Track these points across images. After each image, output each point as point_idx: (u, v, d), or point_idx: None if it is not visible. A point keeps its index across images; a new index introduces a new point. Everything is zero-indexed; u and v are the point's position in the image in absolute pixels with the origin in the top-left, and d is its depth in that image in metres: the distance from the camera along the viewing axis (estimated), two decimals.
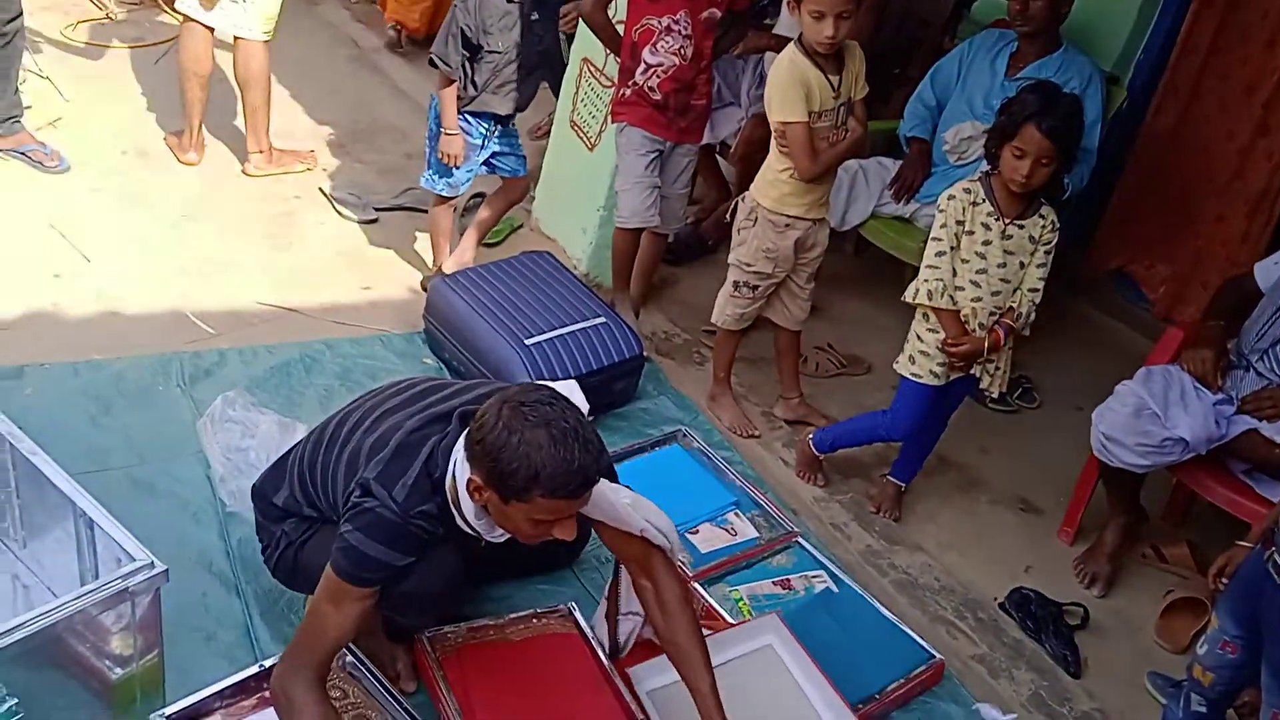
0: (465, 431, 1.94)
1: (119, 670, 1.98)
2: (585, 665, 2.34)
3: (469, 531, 2.02)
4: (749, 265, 3.12)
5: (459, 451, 1.95)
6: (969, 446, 3.46)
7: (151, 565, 1.92)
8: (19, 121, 3.75)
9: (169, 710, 1.99)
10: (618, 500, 2.14)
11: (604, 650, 2.36)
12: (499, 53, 3.30)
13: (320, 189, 4.01)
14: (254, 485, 2.31)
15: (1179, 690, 2.40)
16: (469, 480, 1.90)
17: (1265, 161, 3.73)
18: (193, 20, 3.76)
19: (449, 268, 3.57)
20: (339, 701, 2.10)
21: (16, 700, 1.78)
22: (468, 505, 1.96)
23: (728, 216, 3.24)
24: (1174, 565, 3.09)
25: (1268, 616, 2.11)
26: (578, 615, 2.45)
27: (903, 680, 2.47)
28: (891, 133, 3.96)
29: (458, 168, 3.42)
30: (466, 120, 3.39)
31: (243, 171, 3.98)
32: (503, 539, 2.05)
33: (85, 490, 2.07)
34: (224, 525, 2.54)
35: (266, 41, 3.81)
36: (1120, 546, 3.03)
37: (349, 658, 2.17)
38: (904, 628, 2.62)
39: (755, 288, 3.16)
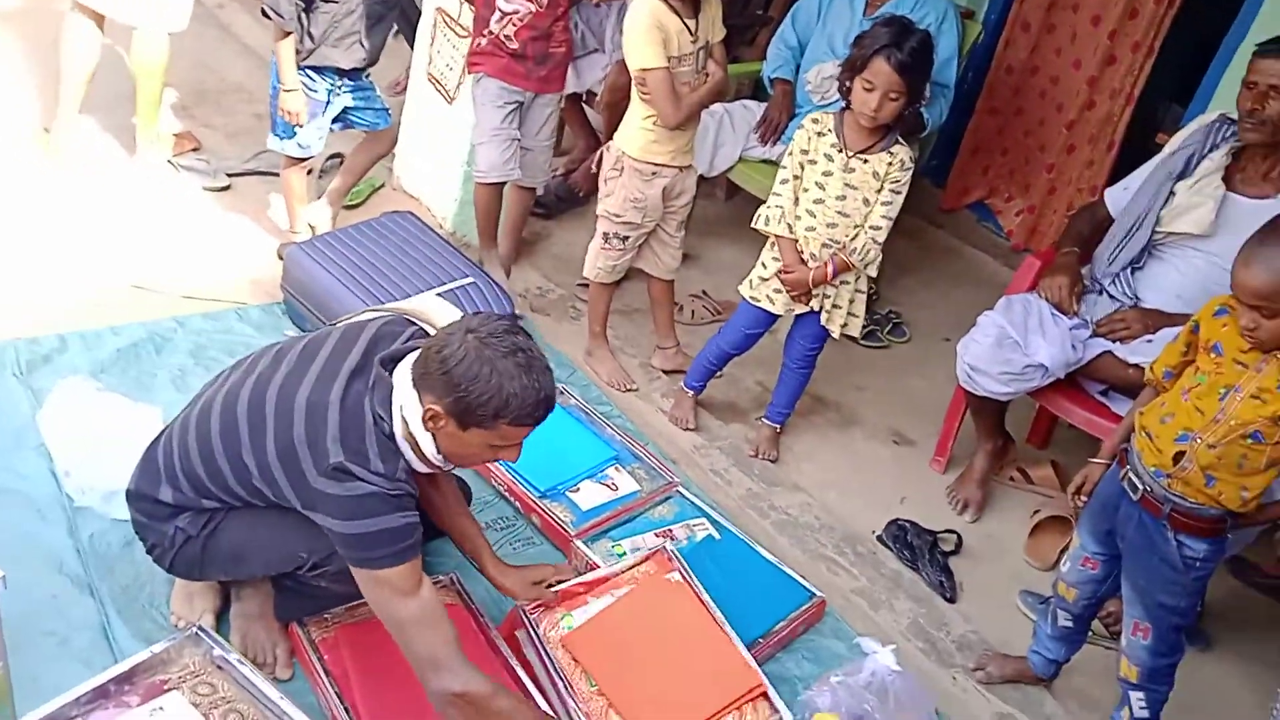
0: (410, 369, 1.91)
1: None
2: (470, 638, 2.30)
3: (425, 470, 2.00)
4: (618, 216, 3.08)
5: (400, 396, 1.92)
6: (843, 384, 3.52)
7: None
8: None
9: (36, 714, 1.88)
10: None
11: (489, 619, 2.33)
12: (336, 2, 3.14)
13: (167, 158, 3.79)
14: (128, 489, 2.16)
15: (1047, 606, 2.49)
16: (427, 410, 1.88)
17: (1114, 92, 3.85)
18: (83, 10, 3.45)
19: (303, 230, 3.42)
20: (208, 696, 2.01)
21: None
22: (428, 443, 1.93)
23: (594, 167, 3.18)
24: (1040, 486, 3.20)
25: (1124, 531, 2.19)
26: (461, 586, 2.40)
27: (785, 621, 2.51)
28: (756, 75, 3.95)
29: (301, 126, 3.26)
30: (308, 75, 3.22)
31: (133, 165, 3.71)
32: (447, 465, 2.03)
33: None
34: (73, 522, 2.39)
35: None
36: (989, 472, 3.13)
37: (216, 650, 2.08)
38: (785, 569, 2.65)
39: (625, 238, 3.12)
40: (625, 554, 2.58)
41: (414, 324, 2.08)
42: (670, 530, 2.68)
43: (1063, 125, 3.98)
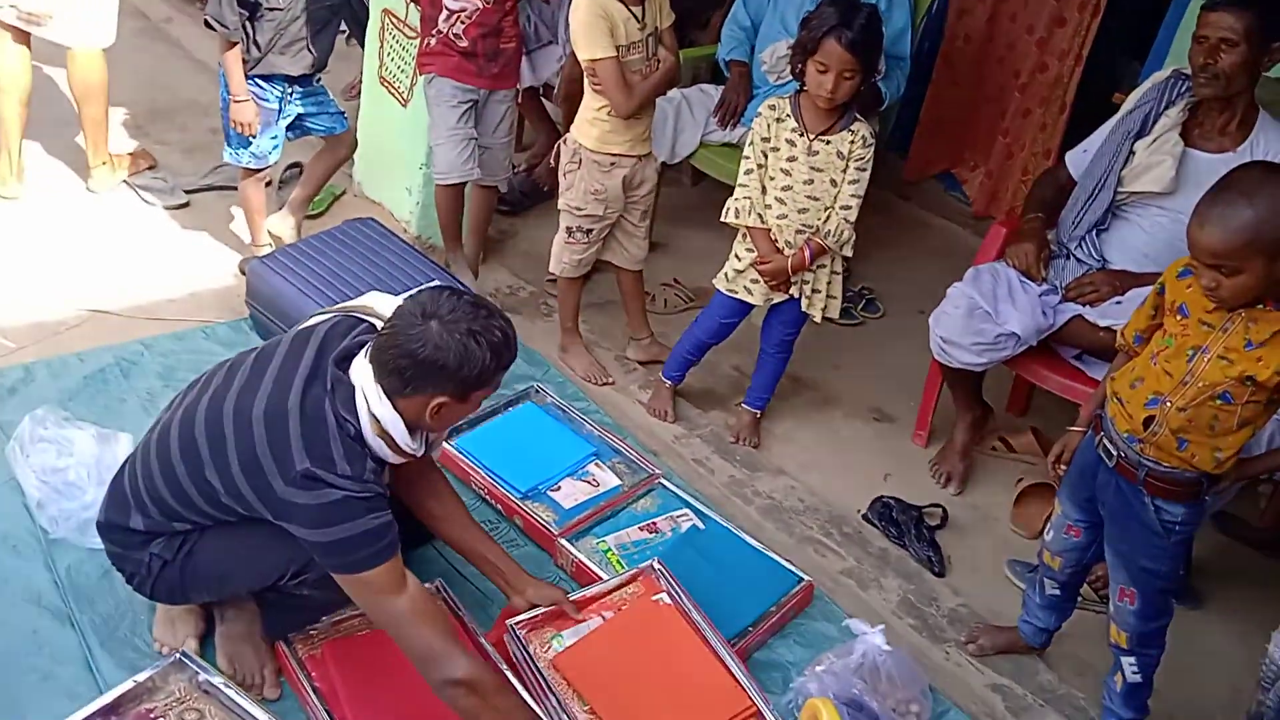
0: (371, 366, 1.93)
1: None
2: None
3: (396, 460, 2.01)
4: (579, 209, 3.05)
5: (363, 394, 1.93)
6: (821, 364, 3.51)
7: None
8: None
9: None
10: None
11: (476, 626, 2.31)
12: (279, 9, 3.09)
13: (122, 178, 3.74)
14: (99, 521, 2.13)
15: (1035, 575, 2.49)
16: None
17: (1062, 53, 3.84)
18: (8, 30, 3.37)
19: (266, 243, 3.38)
20: None
21: None
22: (399, 433, 1.95)
23: (552, 160, 3.15)
24: (1022, 453, 3.20)
25: (1103, 497, 2.19)
26: (448, 593, 2.37)
27: (775, 607, 2.50)
28: (712, 58, 3.93)
29: (255, 136, 3.22)
30: (257, 85, 3.18)
31: (88, 189, 3.65)
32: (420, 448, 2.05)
33: None
34: (49, 554, 2.35)
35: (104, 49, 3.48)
36: (970, 443, 3.13)
37: (201, 675, 2.05)
38: (771, 554, 2.64)
39: (589, 231, 3.09)
40: (609, 549, 2.57)
41: (362, 320, 2.08)
42: (654, 523, 2.67)
43: (1016, 90, 3.98)
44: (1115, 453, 2.11)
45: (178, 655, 2.08)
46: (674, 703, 2.17)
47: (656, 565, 2.43)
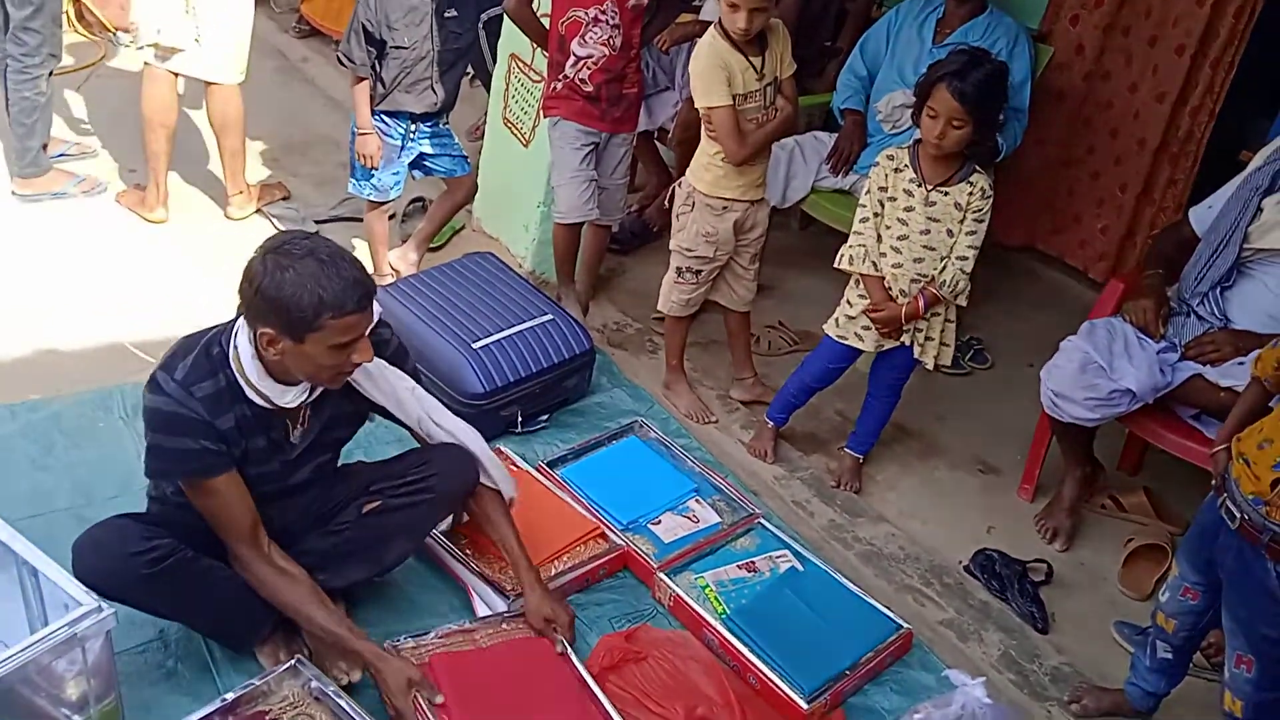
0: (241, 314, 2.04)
1: (76, 717, 1.94)
2: (558, 667, 2.33)
3: (262, 403, 2.07)
4: (690, 250, 3.11)
5: (238, 325, 2.05)
6: (925, 413, 3.48)
7: (99, 609, 1.88)
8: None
9: None
10: (399, 385, 2.29)
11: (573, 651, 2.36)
12: (405, 48, 3.25)
13: (258, 208, 3.95)
14: None
15: (1145, 638, 2.42)
16: (261, 334, 1.98)
17: (1155, 103, 3.77)
18: (155, 67, 3.63)
19: (388, 274, 3.53)
20: None
21: None
22: (251, 367, 2.04)
23: (666, 203, 3.22)
24: (1132, 513, 3.12)
25: (1223, 560, 2.13)
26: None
27: (873, 653, 2.48)
28: (826, 106, 3.97)
29: (375, 169, 3.37)
30: (382, 120, 3.35)
31: (226, 215, 3.88)
32: (294, 402, 2.11)
33: (27, 536, 2.02)
34: None
35: (240, 83, 3.71)
36: (1078, 499, 3.06)
37: (314, 682, 2.14)
38: (871, 600, 2.63)
39: (698, 272, 3.15)
40: (708, 585, 2.59)
41: None
42: (753, 562, 2.68)
43: (1134, 145, 3.90)
44: (1239, 515, 2.05)
45: (293, 662, 2.17)
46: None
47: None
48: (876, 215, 2.82)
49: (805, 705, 2.30)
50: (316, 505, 2.35)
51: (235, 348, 2.06)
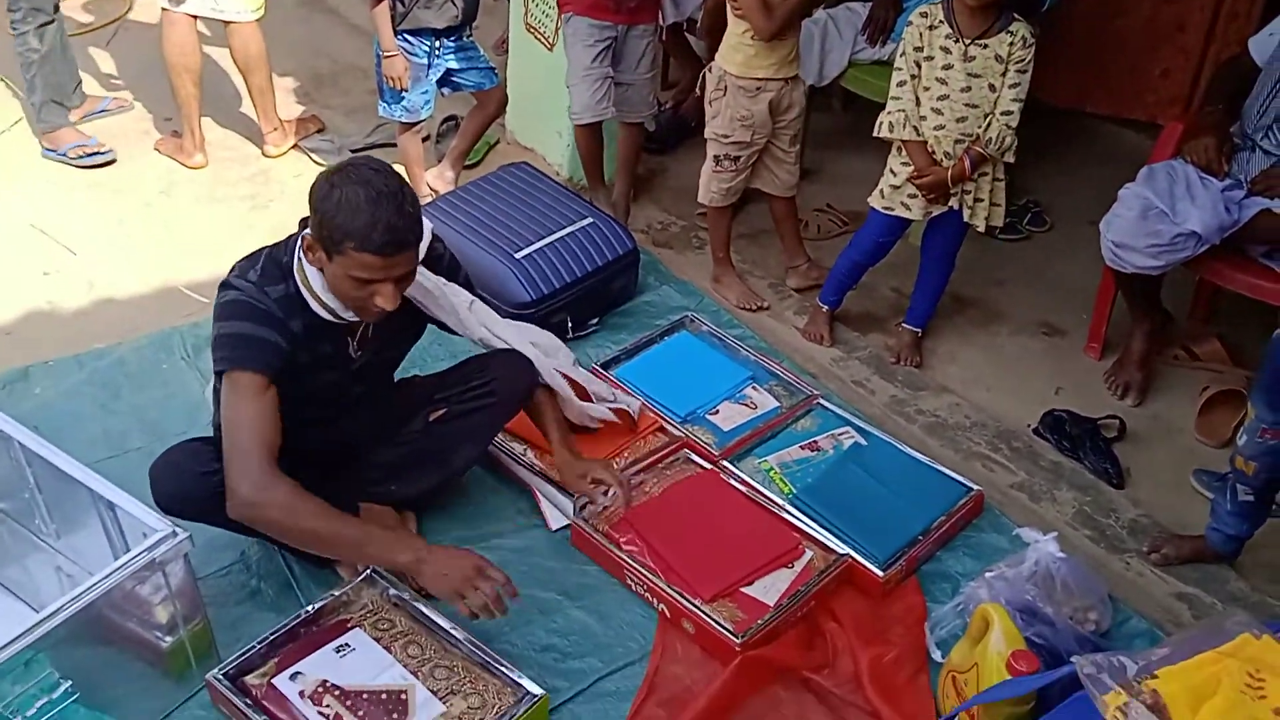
0: None
1: (168, 638, 2.02)
2: (728, 494, 2.49)
3: (326, 316, 2.08)
4: (725, 136, 3.04)
5: (303, 235, 2.06)
6: (984, 281, 3.40)
7: (174, 534, 1.93)
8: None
9: (226, 666, 2.03)
10: (458, 301, 2.30)
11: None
12: None
13: (295, 143, 3.95)
14: None
15: (1225, 483, 2.37)
16: (304, 236, 2.03)
17: None
18: (171, 10, 3.60)
19: (426, 194, 3.52)
20: (388, 631, 2.13)
21: (71, 683, 1.83)
22: (313, 274, 2.05)
23: (698, 90, 3.14)
24: (1207, 361, 3.04)
25: None
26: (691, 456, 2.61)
27: (944, 517, 2.45)
28: None
29: (406, 90, 3.34)
30: (406, 40, 3.30)
31: (263, 154, 3.89)
32: (355, 316, 2.11)
33: (106, 475, 2.08)
34: None
35: (259, 19, 3.67)
36: (1149, 352, 2.98)
37: (391, 590, 2.20)
38: (938, 467, 2.60)
39: (736, 159, 3.08)
40: (772, 468, 2.58)
41: None
42: (815, 442, 2.66)
43: None
44: None
45: (369, 572, 2.23)
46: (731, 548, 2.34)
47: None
48: (914, 77, 2.72)
49: (881, 574, 2.30)
50: (380, 419, 2.38)
51: (299, 259, 2.07)
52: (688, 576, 2.27)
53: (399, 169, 3.64)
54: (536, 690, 2.01)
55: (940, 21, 2.66)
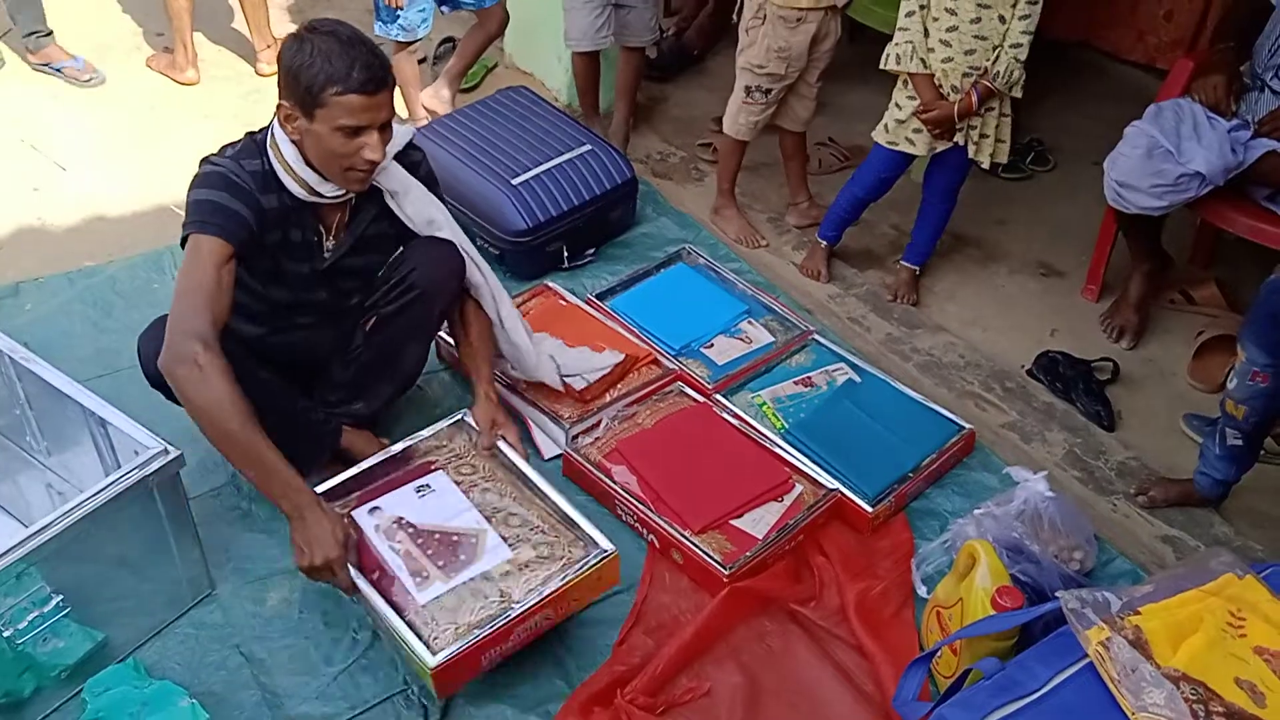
0: None
1: (159, 556, 2.03)
2: (719, 426, 2.48)
3: (300, 192, 2.06)
4: (760, 67, 2.97)
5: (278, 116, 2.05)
6: (985, 219, 3.37)
7: (166, 452, 1.93)
8: (48, 35, 3.66)
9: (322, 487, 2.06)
10: (431, 207, 2.26)
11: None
12: None
13: None
14: None
15: (1214, 427, 2.37)
16: (280, 108, 2.01)
17: None
18: None
19: (422, 116, 3.46)
20: (469, 476, 2.15)
21: (62, 597, 1.84)
22: (288, 150, 2.04)
23: (735, 16, 3.05)
24: (1204, 306, 3.02)
25: None
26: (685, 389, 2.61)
27: (935, 455, 2.46)
28: None
29: (401, 8, 3.26)
30: None
31: (256, 72, 3.82)
32: (331, 194, 2.08)
33: (98, 394, 2.08)
34: None
35: None
36: (1146, 295, 2.96)
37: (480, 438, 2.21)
38: (931, 404, 2.60)
39: (768, 91, 3.01)
40: (765, 403, 2.58)
41: None
42: (809, 377, 2.66)
43: None
44: None
45: (460, 416, 2.25)
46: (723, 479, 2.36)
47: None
48: (922, 8, 2.66)
49: (870, 509, 2.31)
50: (337, 336, 2.33)
51: (272, 134, 2.06)
52: (678, 508, 2.28)
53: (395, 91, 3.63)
54: (608, 546, 2.01)
55: None
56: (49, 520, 1.81)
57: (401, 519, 2.05)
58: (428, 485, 2.13)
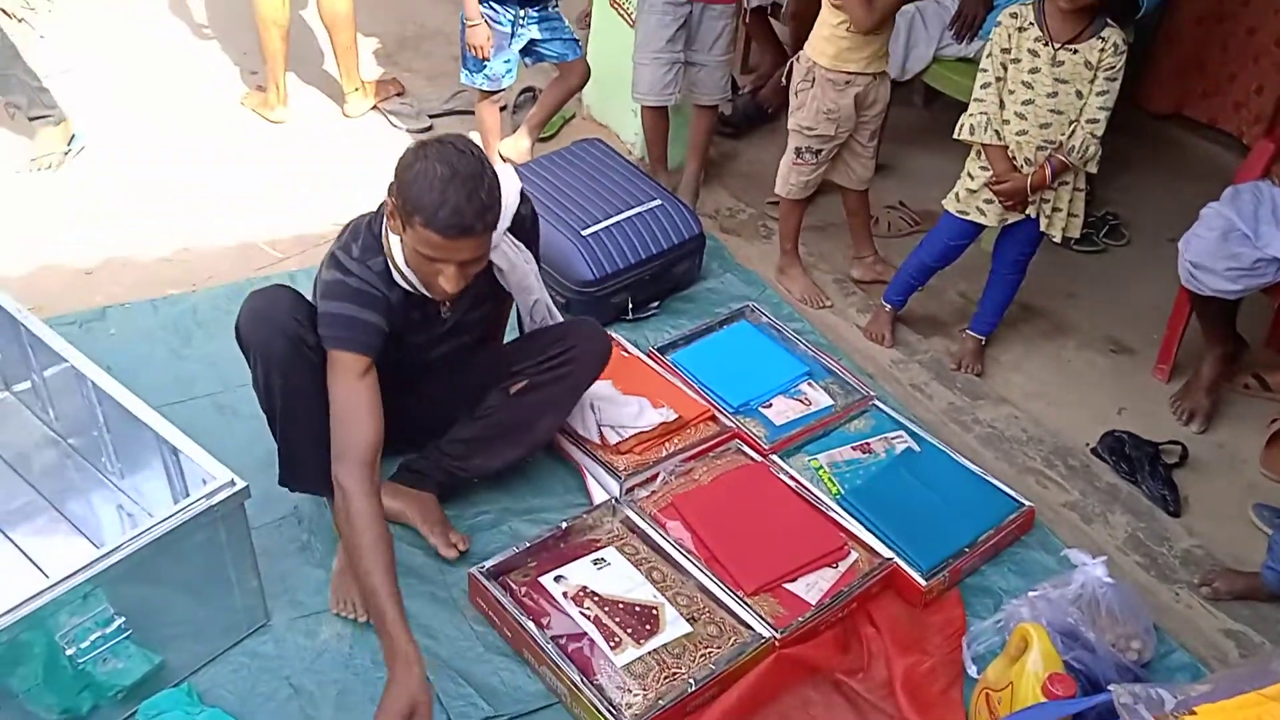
0: None
1: (219, 585, 2.08)
2: (776, 487, 2.50)
3: (407, 287, 2.12)
4: (810, 129, 3.01)
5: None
6: (1055, 292, 3.34)
7: (233, 483, 1.99)
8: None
9: (488, 564, 2.21)
10: (530, 270, 2.36)
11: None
12: None
13: (374, 105, 4.00)
14: None
15: None
16: (387, 201, 2.05)
17: None
18: None
19: (500, 162, 3.53)
20: (633, 556, 2.28)
21: (124, 619, 1.90)
22: (395, 245, 2.08)
23: (784, 80, 3.11)
24: (1278, 392, 2.94)
25: None
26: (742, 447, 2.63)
27: (993, 531, 2.43)
28: None
29: (487, 59, 3.36)
30: (490, 8, 3.31)
31: (343, 113, 3.95)
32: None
33: (172, 420, 2.14)
34: None
35: None
36: (1219, 379, 2.90)
37: (635, 518, 2.35)
38: (990, 479, 2.57)
39: (818, 152, 3.05)
40: (821, 467, 2.57)
41: None
42: (867, 443, 2.65)
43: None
44: None
45: (612, 499, 2.42)
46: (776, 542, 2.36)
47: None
48: (999, 79, 2.67)
49: (924, 582, 2.29)
50: (461, 387, 2.42)
51: (386, 230, 2.11)
52: (732, 567, 2.28)
53: (475, 136, 3.73)
54: (766, 633, 2.12)
55: (1030, 23, 2.60)
56: (118, 544, 1.87)
57: (586, 588, 2.19)
58: (604, 559, 2.26)
